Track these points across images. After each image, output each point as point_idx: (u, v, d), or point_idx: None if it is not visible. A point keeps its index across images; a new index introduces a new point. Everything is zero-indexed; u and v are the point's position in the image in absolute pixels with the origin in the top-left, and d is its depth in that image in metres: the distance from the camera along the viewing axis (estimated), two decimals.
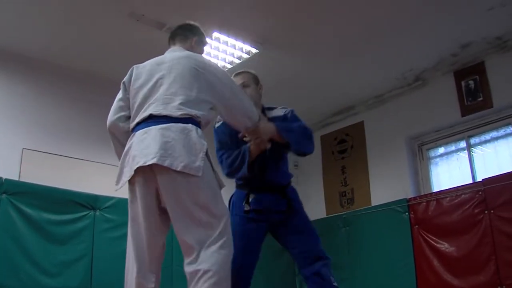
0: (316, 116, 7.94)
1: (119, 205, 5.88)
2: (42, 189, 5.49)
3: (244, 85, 3.34)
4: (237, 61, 6.20)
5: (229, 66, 6.22)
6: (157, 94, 2.65)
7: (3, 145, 5.68)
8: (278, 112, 3.48)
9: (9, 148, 5.71)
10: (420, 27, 5.74)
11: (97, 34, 5.73)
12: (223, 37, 5.82)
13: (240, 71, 3.48)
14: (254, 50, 6.04)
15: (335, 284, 3.19)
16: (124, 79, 2.93)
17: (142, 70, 2.85)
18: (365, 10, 5.42)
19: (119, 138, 2.87)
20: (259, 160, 3.22)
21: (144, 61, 6.48)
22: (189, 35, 3.08)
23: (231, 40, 5.88)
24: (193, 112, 2.58)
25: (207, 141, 2.62)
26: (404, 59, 6.41)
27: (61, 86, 6.29)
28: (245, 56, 6.12)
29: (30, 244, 5.23)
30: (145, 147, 2.48)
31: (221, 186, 2.67)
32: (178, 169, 2.41)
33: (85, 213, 5.71)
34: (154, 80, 2.72)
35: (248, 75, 3.46)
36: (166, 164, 2.41)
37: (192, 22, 3.21)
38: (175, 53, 2.91)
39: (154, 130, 2.52)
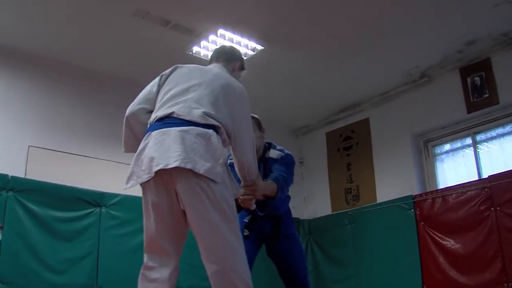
0: (321, 113, 7.94)
1: (125, 202, 5.90)
2: (48, 187, 5.51)
3: None
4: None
5: None
6: (186, 97, 2.61)
7: (9, 142, 5.70)
8: (274, 154, 3.75)
9: (15, 145, 5.73)
10: (425, 24, 5.72)
11: (102, 31, 5.73)
12: (228, 34, 5.81)
13: None
14: (259, 47, 6.03)
15: None
16: (165, 72, 2.87)
17: (182, 71, 2.83)
18: (371, 7, 5.40)
19: (133, 127, 2.81)
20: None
21: (149, 59, 6.52)
22: (234, 58, 3.10)
23: (236, 37, 5.86)
24: (215, 123, 2.55)
25: None
26: (410, 56, 6.39)
27: (66, 84, 6.30)
28: (251, 53, 6.11)
29: (36, 241, 5.26)
30: (166, 149, 2.42)
31: (235, 194, 2.64)
32: (201, 172, 2.37)
33: (91, 210, 5.73)
34: (189, 83, 2.70)
35: (252, 120, 3.49)
36: (188, 166, 2.36)
37: (236, 46, 3.28)
38: (221, 71, 2.89)
39: (173, 132, 2.46)
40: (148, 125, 2.64)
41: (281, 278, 3.75)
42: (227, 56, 3.09)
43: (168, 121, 2.53)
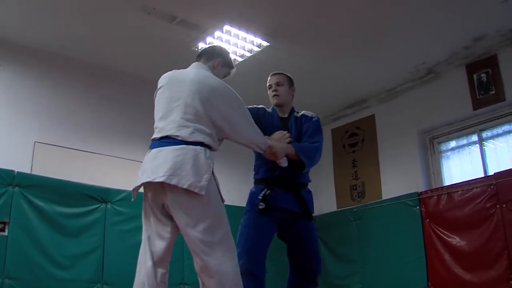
0: (327, 109, 7.92)
1: (130, 198, 5.87)
2: (54, 182, 5.53)
3: (279, 84, 3.69)
4: (248, 54, 6.18)
5: (240, 59, 6.21)
6: (174, 116, 2.83)
7: (15, 138, 5.72)
8: (308, 113, 3.72)
9: (21, 141, 5.75)
10: (432, 20, 5.70)
11: (109, 27, 5.74)
12: (234, 30, 5.80)
13: (277, 72, 3.78)
14: (265, 43, 6.02)
15: None
16: (158, 87, 3.08)
17: (166, 87, 3.02)
18: (378, 3, 5.38)
19: None
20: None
21: (155, 55, 6.51)
22: (214, 56, 3.24)
23: (242, 33, 5.85)
24: (205, 139, 2.79)
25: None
26: (416, 52, 6.37)
27: (72, 80, 6.32)
28: (256, 49, 6.10)
29: (42, 236, 5.28)
30: (157, 165, 2.72)
31: (222, 200, 2.87)
32: (184, 187, 2.63)
33: (96, 206, 5.75)
34: (172, 101, 2.89)
35: (283, 76, 3.76)
36: (173, 182, 2.64)
37: (221, 46, 3.47)
38: (197, 72, 3.04)
39: (167, 150, 2.74)
40: (151, 142, 2.91)
41: (290, 264, 3.52)
42: (207, 54, 3.24)
43: (164, 140, 2.80)
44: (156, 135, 2.86)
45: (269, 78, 3.77)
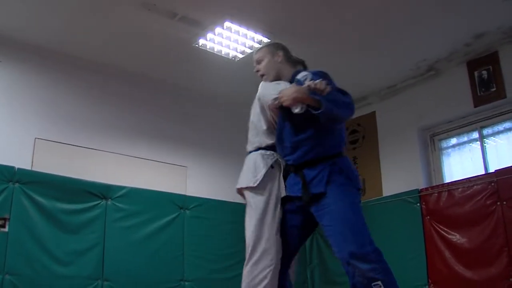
0: None
1: (131, 194, 5.92)
2: (54, 179, 5.53)
3: (258, 62, 3.32)
4: (249, 51, 6.17)
5: (240, 55, 6.21)
6: (248, 134, 3.36)
7: (16, 134, 5.72)
8: (303, 74, 3.26)
9: (22, 137, 5.75)
10: (434, 17, 5.69)
11: (109, 24, 5.73)
12: (234, 27, 5.79)
13: (255, 49, 3.53)
14: (265, 40, 6.01)
15: None
16: None
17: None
18: (379, 0, 5.38)
19: None
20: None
21: (156, 51, 6.50)
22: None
23: (243, 30, 5.85)
24: (261, 142, 3.25)
25: None
26: (418, 49, 6.36)
27: (73, 77, 6.31)
28: (257, 45, 6.08)
29: (42, 233, 5.28)
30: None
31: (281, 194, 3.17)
32: (243, 186, 3.17)
33: (97, 202, 5.74)
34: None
35: (261, 50, 3.36)
36: (237, 186, 3.23)
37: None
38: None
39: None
40: None
41: None
42: None
43: None
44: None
45: None
